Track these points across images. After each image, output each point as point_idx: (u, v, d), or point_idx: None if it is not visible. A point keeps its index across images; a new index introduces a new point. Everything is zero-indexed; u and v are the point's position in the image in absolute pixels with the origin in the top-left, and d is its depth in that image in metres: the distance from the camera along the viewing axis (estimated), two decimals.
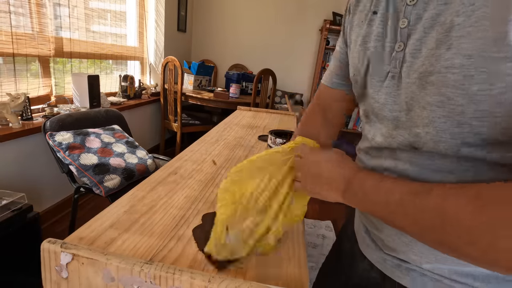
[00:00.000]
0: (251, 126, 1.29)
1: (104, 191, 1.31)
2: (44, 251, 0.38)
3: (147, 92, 2.82)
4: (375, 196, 0.35)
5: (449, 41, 0.32)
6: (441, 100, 0.33)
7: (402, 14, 0.39)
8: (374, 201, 0.35)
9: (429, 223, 0.30)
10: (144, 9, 2.79)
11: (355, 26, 0.49)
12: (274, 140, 0.67)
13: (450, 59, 0.32)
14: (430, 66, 0.34)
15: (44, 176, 1.67)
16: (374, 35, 0.43)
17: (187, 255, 0.44)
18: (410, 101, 0.38)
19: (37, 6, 1.62)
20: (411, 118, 0.38)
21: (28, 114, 1.57)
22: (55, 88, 1.89)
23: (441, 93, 0.33)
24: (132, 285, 0.36)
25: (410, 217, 0.32)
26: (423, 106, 0.35)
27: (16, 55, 1.53)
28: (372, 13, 0.44)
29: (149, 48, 2.95)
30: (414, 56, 0.37)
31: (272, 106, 3.25)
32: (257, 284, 0.34)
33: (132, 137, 1.67)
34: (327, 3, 3.31)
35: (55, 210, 1.79)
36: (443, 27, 0.33)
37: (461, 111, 0.32)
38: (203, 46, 3.70)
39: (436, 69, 0.33)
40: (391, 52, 0.41)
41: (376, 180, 0.36)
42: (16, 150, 1.48)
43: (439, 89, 0.33)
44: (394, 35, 0.40)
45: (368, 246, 0.52)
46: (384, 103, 0.42)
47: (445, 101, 0.33)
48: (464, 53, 0.30)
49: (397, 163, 0.42)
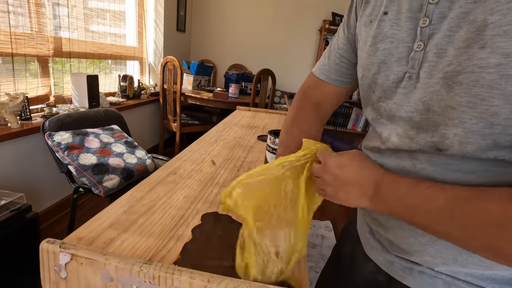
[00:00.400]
0: (250, 126, 1.29)
1: (103, 191, 1.31)
2: (43, 251, 0.37)
3: (146, 92, 2.82)
4: (411, 201, 0.35)
5: (483, 40, 0.31)
6: (473, 101, 0.32)
7: (423, 13, 0.38)
8: (411, 206, 0.35)
9: (482, 228, 0.30)
10: (143, 9, 2.78)
11: (362, 26, 0.48)
12: (273, 140, 0.67)
13: (486, 58, 0.31)
14: (458, 66, 0.33)
15: (43, 176, 1.67)
16: (387, 35, 0.42)
17: None
18: (429, 101, 0.37)
19: (36, 6, 1.62)
20: (430, 118, 0.37)
21: (27, 114, 1.56)
22: (54, 88, 1.89)
23: (473, 94, 0.32)
24: (131, 285, 0.36)
25: (457, 222, 0.32)
26: (452, 107, 0.34)
27: (15, 55, 1.53)
28: (383, 13, 0.43)
29: (148, 48, 2.94)
30: (439, 55, 0.36)
31: (272, 106, 3.25)
32: (257, 284, 0.34)
33: (131, 137, 1.67)
34: (327, 4, 3.31)
35: (54, 210, 1.79)
36: (474, 26, 0.32)
37: (495, 112, 0.31)
38: (203, 46, 3.70)
39: (467, 68, 0.32)
40: (408, 52, 0.40)
41: (409, 185, 0.36)
42: (15, 150, 1.47)
43: (470, 89, 0.32)
44: (413, 35, 0.39)
45: (373, 247, 0.51)
46: (400, 103, 0.41)
47: (478, 102, 0.32)
48: (501, 52, 0.30)
49: (415, 163, 0.40)
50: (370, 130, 0.54)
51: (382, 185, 0.38)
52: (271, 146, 0.68)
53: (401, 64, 0.40)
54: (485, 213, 0.30)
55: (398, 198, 0.36)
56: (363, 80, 0.48)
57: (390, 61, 0.42)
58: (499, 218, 0.29)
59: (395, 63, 0.41)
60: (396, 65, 0.41)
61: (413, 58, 0.39)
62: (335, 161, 0.42)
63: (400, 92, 0.41)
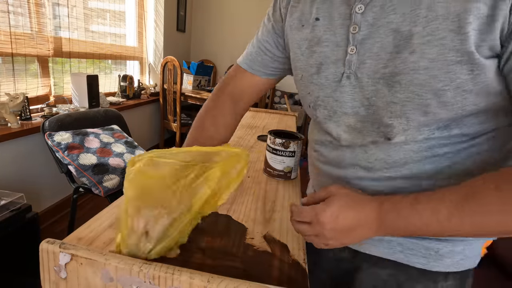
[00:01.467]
0: (250, 126, 1.29)
1: (103, 191, 1.31)
2: (43, 251, 0.37)
3: (146, 92, 2.82)
4: (418, 221, 0.36)
5: (411, 47, 0.38)
6: (411, 96, 0.39)
7: (352, 21, 0.42)
8: (419, 225, 0.37)
9: (492, 219, 0.34)
10: (143, 9, 2.79)
11: (293, 29, 0.52)
12: (274, 140, 0.67)
13: (416, 61, 0.37)
14: (395, 68, 0.39)
15: (43, 176, 1.67)
16: (322, 40, 0.46)
17: None
18: (373, 97, 0.43)
19: (36, 6, 1.62)
20: (375, 112, 0.43)
21: (27, 114, 1.56)
22: (54, 88, 1.89)
23: (411, 91, 0.39)
24: (131, 285, 0.36)
25: (468, 220, 0.34)
26: (394, 102, 0.41)
27: (15, 55, 1.53)
28: (315, 19, 0.47)
29: (148, 48, 2.94)
30: (373, 58, 0.41)
31: (272, 106, 3.26)
32: (257, 284, 0.34)
33: (131, 137, 1.67)
34: None
35: (54, 210, 1.79)
36: (401, 35, 0.38)
37: (428, 104, 0.39)
38: (202, 46, 3.70)
39: (403, 71, 0.39)
40: (344, 55, 0.44)
41: (410, 206, 0.37)
42: (15, 150, 1.47)
43: (408, 87, 0.39)
44: (345, 40, 0.44)
45: None
46: (343, 100, 0.46)
47: (415, 97, 0.39)
48: (428, 57, 0.37)
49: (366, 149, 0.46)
50: (314, 125, 0.58)
51: (384, 216, 0.38)
52: (271, 146, 0.68)
53: (339, 66, 0.45)
54: (482, 208, 0.34)
55: (405, 223, 0.38)
56: (303, 80, 0.51)
57: (327, 63, 0.46)
58: (502, 200, 0.33)
59: (332, 65, 0.46)
60: (334, 66, 0.46)
61: (349, 60, 0.44)
62: (328, 216, 0.39)
63: (341, 90, 0.46)
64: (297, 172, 0.72)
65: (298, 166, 0.72)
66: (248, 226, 0.50)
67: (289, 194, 0.64)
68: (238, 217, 0.53)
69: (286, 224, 0.52)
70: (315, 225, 0.40)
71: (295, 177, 0.71)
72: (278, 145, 0.67)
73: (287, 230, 0.51)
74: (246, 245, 0.46)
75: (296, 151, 0.68)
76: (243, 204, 0.58)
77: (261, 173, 0.73)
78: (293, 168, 0.69)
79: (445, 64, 0.36)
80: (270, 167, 0.70)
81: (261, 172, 0.73)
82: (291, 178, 0.70)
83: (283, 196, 0.63)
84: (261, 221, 0.52)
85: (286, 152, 0.67)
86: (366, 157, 0.47)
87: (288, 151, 0.67)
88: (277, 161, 0.68)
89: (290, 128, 1.34)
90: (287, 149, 0.67)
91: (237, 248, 0.45)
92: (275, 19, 0.57)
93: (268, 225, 0.51)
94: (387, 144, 0.44)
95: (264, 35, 0.59)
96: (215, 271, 0.36)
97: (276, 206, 0.58)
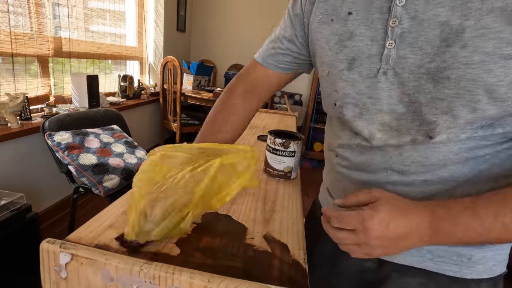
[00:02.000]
0: (250, 126, 1.29)
1: (103, 191, 1.31)
2: (43, 251, 0.37)
3: (146, 92, 2.82)
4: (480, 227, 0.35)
5: (463, 41, 0.36)
6: (460, 93, 0.37)
7: (392, 14, 0.40)
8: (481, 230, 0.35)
9: None
10: (143, 9, 2.79)
11: (321, 23, 0.49)
12: (274, 140, 0.67)
13: (469, 56, 0.35)
14: (442, 63, 0.37)
15: (43, 176, 1.67)
16: (355, 34, 0.44)
17: None
18: (416, 94, 0.40)
19: (36, 6, 1.62)
20: (417, 109, 0.41)
21: (27, 114, 1.56)
22: (54, 88, 1.89)
23: (461, 86, 0.37)
24: (132, 285, 0.36)
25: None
26: (440, 98, 0.39)
27: (15, 55, 1.53)
28: (347, 13, 0.45)
29: (148, 48, 2.94)
30: (415, 53, 0.39)
31: (272, 106, 3.26)
32: (257, 284, 0.34)
33: (131, 137, 1.67)
34: None
35: (54, 210, 1.79)
36: (450, 28, 0.36)
37: (478, 100, 0.36)
38: (202, 46, 3.70)
39: (453, 65, 0.37)
40: (379, 50, 0.42)
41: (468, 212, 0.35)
42: (15, 150, 1.47)
43: (458, 82, 0.37)
44: (383, 33, 0.42)
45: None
46: (379, 97, 0.44)
47: (465, 93, 0.37)
48: (482, 51, 0.35)
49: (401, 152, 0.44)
50: (334, 128, 0.55)
51: (437, 224, 0.36)
52: (271, 146, 0.68)
53: (374, 61, 0.43)
54: None
55: (464, 230, 0.36)
56: (329, 76, 0.49)
57: (361, 58, 0.44)
58: None
59: (366, 60, 0.44)
60: (368, 62, 0.44)
61: (386, 55, 0.42)
62: (377, 223, 0.35)
63: (376, 86, 0.43)
64: (297, 172, 0.72)
65: (298, 166, 0.72)
66: (248, 226, 0.51)
67: (289, 194, 0.64)
68: (238, 217, 0.53)
69: (286, 224, 0.52)
70: (359, 233, 0.36)
71: (295, 177, 0.71)
72: (278, 145, 0.67)
73: (287, 230, 0.51)
74: (246, 245, 0.46)
75: (296, 151, 0.68)
76: (243, 204, 0.58)
77: (261, 173, 0.73)
78: (293, 168, 0.69)
79: (501, 58, 0.34)
80: (270, 167, 0.70)
81: (261, 172, 0.73)
82: (291, 178, 0.70)
83: (283, 196, 0.63)
84: (261, 221, 0.52)
85: (286, 152, 0.67)
86: (401, 160, 0.44)
87: (288, 151, 0.67)
88: (277, 161, 0.68)
89: (290, 128, 1.34)
90: (287, 149, 0.67)
91: (237, 248, 0.45)
92: (295, 13, 0.55)
93: (268, 225, 0.51)
94: (426, 144, 0.42)
95: (282, 28, 0.58)
96: (215, 271, 0.36)
97: (276, 206, 0.58)
